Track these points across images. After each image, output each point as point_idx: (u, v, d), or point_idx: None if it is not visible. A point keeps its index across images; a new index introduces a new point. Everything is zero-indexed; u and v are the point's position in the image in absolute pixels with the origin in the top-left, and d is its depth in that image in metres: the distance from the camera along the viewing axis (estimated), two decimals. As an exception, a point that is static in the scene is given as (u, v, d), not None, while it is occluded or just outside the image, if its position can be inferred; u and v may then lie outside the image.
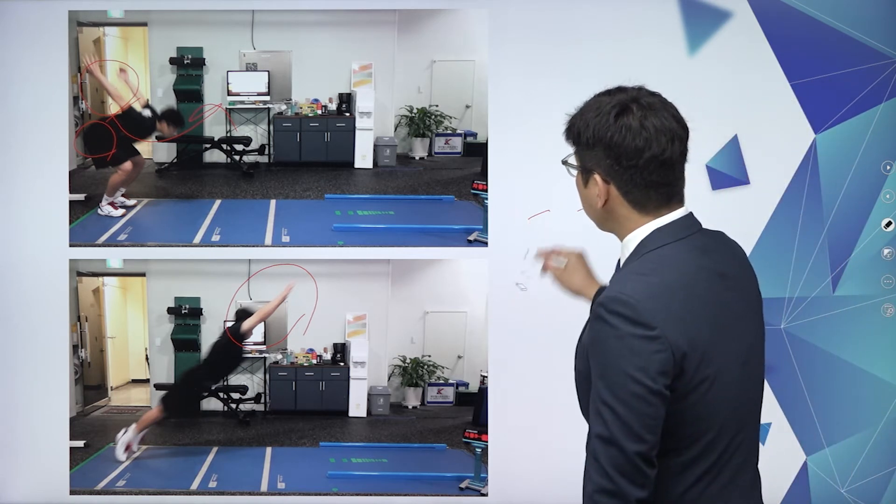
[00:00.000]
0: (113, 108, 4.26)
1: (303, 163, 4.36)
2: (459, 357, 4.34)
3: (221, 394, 4.36)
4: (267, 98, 4.33)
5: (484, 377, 4.15)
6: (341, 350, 4.34)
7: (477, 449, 4.12)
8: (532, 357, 4.01)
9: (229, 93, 4.31)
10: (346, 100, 4.32)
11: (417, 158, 4.33)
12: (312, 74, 4.30)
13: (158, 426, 4.28)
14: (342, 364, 4.34)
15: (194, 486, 4.16)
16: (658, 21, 3.97)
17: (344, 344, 4.33)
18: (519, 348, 4.04)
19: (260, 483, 4.16)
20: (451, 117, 4.29)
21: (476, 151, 4.19)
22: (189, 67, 4.29)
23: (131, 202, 4.26)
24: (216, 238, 4.16)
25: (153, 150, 4.36)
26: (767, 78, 3.95)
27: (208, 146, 4.34)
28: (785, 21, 3.94)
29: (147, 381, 4.38)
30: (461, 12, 4.13)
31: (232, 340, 4.28)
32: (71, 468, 4.16)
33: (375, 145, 4.30)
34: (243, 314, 4.28)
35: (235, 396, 4.35)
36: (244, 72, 4.30)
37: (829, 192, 3.97)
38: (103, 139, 4.22)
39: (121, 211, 4.23)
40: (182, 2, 4.16)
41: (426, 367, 4.33)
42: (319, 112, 4.34)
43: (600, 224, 2.24)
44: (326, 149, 4.36)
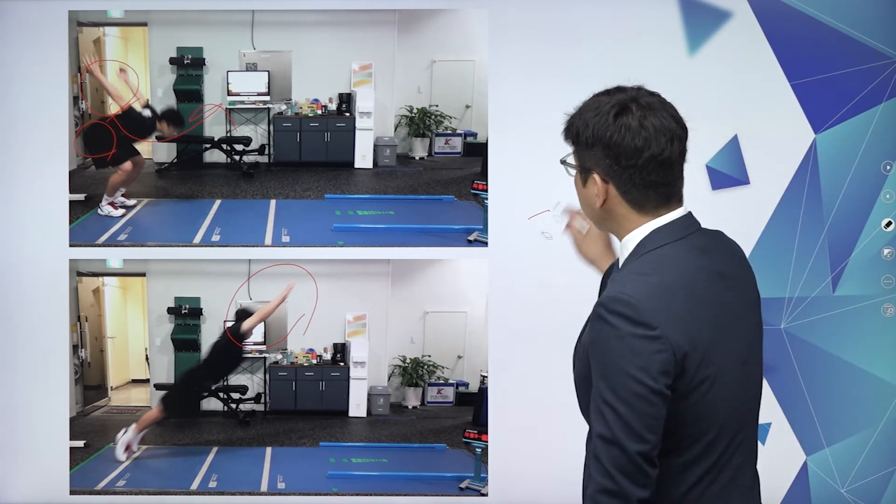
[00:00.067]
0: (113, 108, 4.26)
1: (303, 163, 4.36)
2: (459, 357, 4.33)
3: (221, 394, 4.35)
4: (267, 98, 4.33)
5: (484, 377, 4.15)
6: (341, 350, 4.34)
7: (477, 449, 4.12)
8: (532, 357, 4.01)
9: (229, 93, 4.31)
10: (346, 100, 4.32)
11: (417, 158, 4.33)
12: (312, 74, 4.30)
13: (158, 426, 4.28)
14: (342, 364, 4.34)
15: (194, 486, 4.16)
16: (658, 21, 3.97)
17: (344, 344, 4.33)
18: (519, 348, 4.04)
19: (260, 483, 4.16)
20: (451, 117, 4.29)
21: (476, 151, 4.19)
22: (189, 67, 4.28)
23: (131, 202, 4.26)
24: (216, 238, 4.15)
25: (153, 150, 4.36)
26: (767, 78, 3.95)
27: (208, 146, 4.34)
28: (785, 21, 3.94)
29: (147, 381, 4.37)
30: (461, 12, 4.13)
31: (232, 340, 4.28)
32: (71, 468, 4.16)
33: (375, 145, 4.30)
34: (243, 314, 4.27)
35: (235, 396, 4.35)
36: (244, 72, 4.29)
37: (829, 192, 3.96)
38: (103, 139, 4.22)
39: (121, 211, 4.23)
40: (182, 2, 4.16)
41: (426, 367, 4.33)
42: (319, 112, 4.34)
43: (599, 224, 2.24)
44: (326, 149, 4.36)
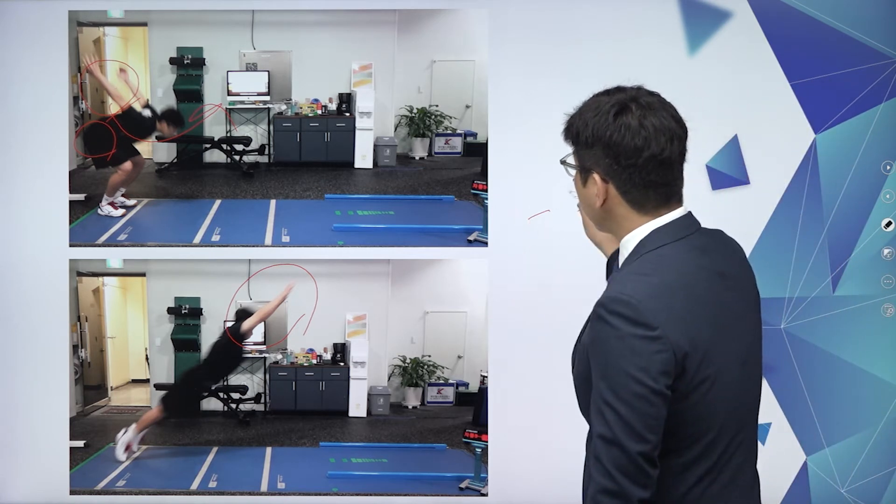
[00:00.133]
0: (113, 108, 4.26)
1: (303, 163, 4.36)
2: (459, 357, 4.33)
3: (221, 394, 4.35)
4: (267, 98, 4.33)
5: (484, 377, 4.15)
6: (341, 350, 4.34)
7: (477, 449, 4.12)
8: (532, 357, 4.01)
9: (229, 93, 4.31)
10: (346, 100, 4.32)
11: (417, 158, 4.33)
12: (312, 74, 4.30)
13: (158, 426, 4.28)
14: (342, 364, 4.34)
15: (194, 486, 4.16)
16: (658, 21, 3.97)
17: (344, 344, 4.33)
18: (519, 348, 4.04)
19: (260, 483, 4.16)
20: (451, 117, 4.29)
21: (476, 151, 4.19)
22: (189, 67, 4.28)
23: (131, 202, 4.26)
24: (216, 238, 4.15)
25: (153, 150, 4.36)
26: (767, 78, 3.95)
27: (208, 146, 4.33)
28: (785, 21, 3.94)
29: (147, 381, 4.37)
30: (461, 12, 4.13)
31: (232, 340, 4.28)
32: (71, 468, 4.16)
33: (375, 145, 4.30)
34: (243, 314, 4.27)
35: (235, 396, 4.35)
36: (244, 72, 4.29)
37: (829, 192, 3.96)
38: (103, 139, 4.22)
39: (121, 211, 4.23)
40: (182, 2, 4.16)
41: (426, 367, 4.33)
42: (319, 112, 4.34)
43: (599, 224, 2.24)
44: (326, 149, 4.36)
